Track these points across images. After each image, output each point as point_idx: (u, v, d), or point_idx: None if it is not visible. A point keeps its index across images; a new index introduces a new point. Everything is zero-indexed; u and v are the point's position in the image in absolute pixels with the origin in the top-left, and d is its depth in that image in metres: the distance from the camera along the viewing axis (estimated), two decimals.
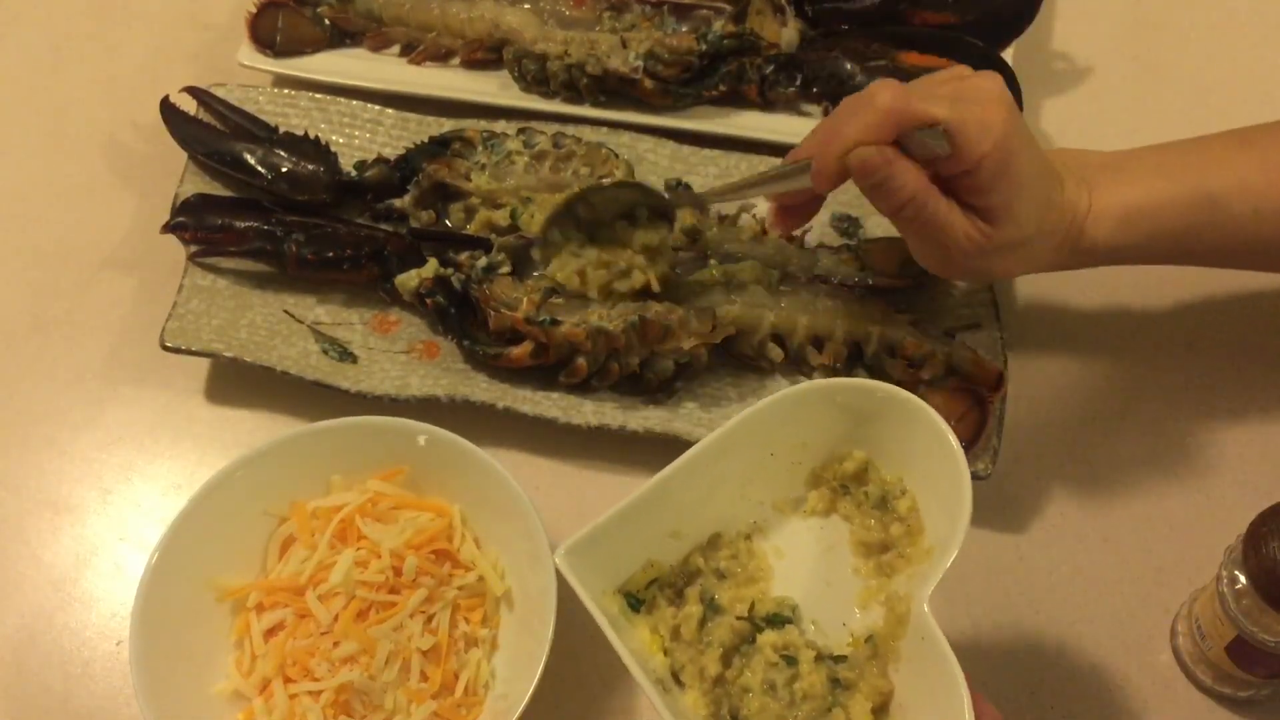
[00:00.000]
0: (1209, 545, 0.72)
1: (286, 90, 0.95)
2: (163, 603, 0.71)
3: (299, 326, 0.86)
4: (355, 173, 0.90)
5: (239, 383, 0.86)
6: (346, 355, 0.85)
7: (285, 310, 0.87)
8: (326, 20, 1.00)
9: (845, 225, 0.90)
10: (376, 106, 0.95)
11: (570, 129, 0.91)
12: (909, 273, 0.86)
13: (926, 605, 0.59)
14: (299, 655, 0.71)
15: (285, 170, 0.89)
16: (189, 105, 0.93)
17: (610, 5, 0.98)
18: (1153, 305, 0.89)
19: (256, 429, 0.85)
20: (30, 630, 0.78)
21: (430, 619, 0.73)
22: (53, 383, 0.88)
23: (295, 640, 0.72)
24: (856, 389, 0.66)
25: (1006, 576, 0.78)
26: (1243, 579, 0.66)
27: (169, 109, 0.93)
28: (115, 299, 0.91)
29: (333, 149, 0.91)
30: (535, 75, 0.96)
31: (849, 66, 0.93)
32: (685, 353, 0.81)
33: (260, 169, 0.89)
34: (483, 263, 0.84)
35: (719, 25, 0.95)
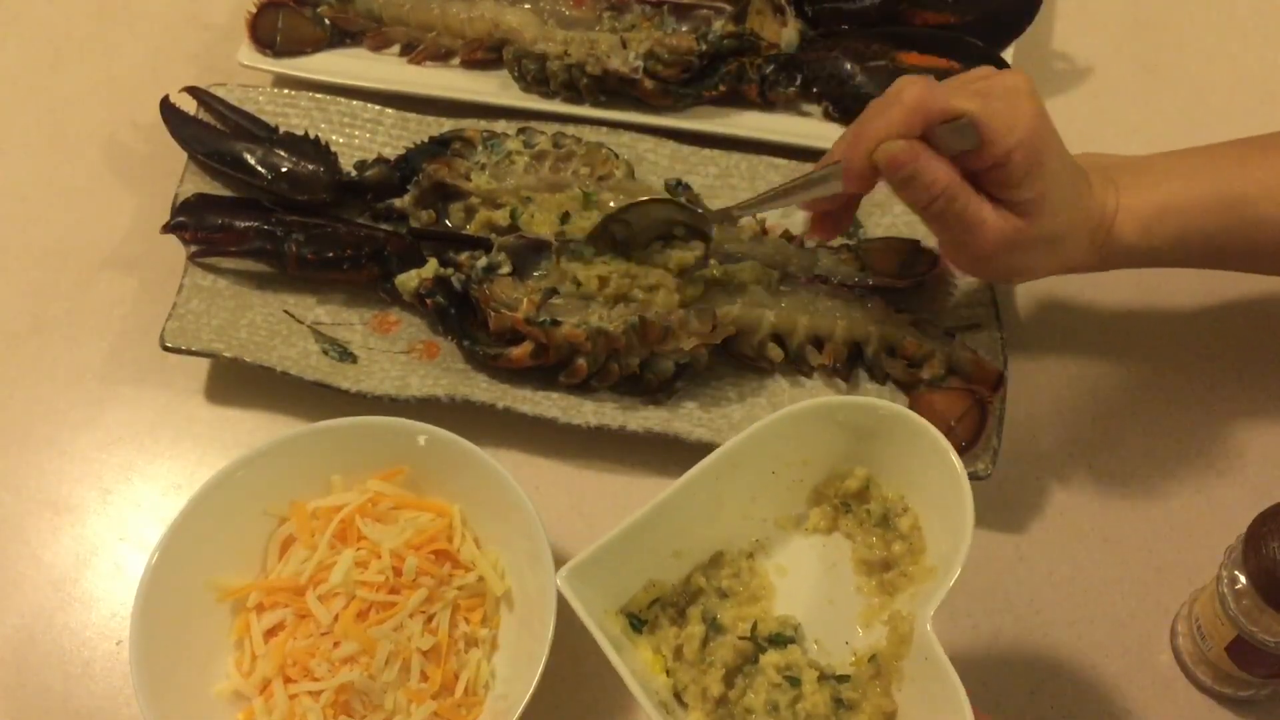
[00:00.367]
0: (1209, 545, 0.72)
1: (286, 90, 0.95)
2: (163, 603, 0.71)
3: (299, 326, 0.86)
4: (355, 173, 0.90)
5: (239, 383, 0.86)
6: (346, 355, 0.85)
7: (285, 310, 0.87)
8: (326, 20, 1.00)
9: None
10: (376, 106, 0.95)
11: (570, 129, 0.91)
12: (909, 273, 0.86)
13: (929, 625, 0.59)
14: (299, 655, 0.71)
15: (285, 170, 0.89)
16: (189, 105, 0.93)
17: (610, 5, 0.98)
18: (1153, 305, 0.89)
19: (256, 429, 0.85)
20: (30, 630, 0.78)
21: (430, 619, 0.73)
22: (53, 383, 0.88)
23: (295, 640, 0.72)
24: (858, 407, 0.66)
25: (1006, 576, 0.78)
26: (1243, 579, 0.66)
27: (169, 109, 0.93)
28: (115, 299, 0.91)
29: (333, 149, 0.91)
30: (535, 75, 0.96)
31: (849, 66, 0.93)
32: (685, 353, 0.81)
33: (260, 169, 0.89)
34: (483, 263, 0.84)
35: (719, 25, 0.95)
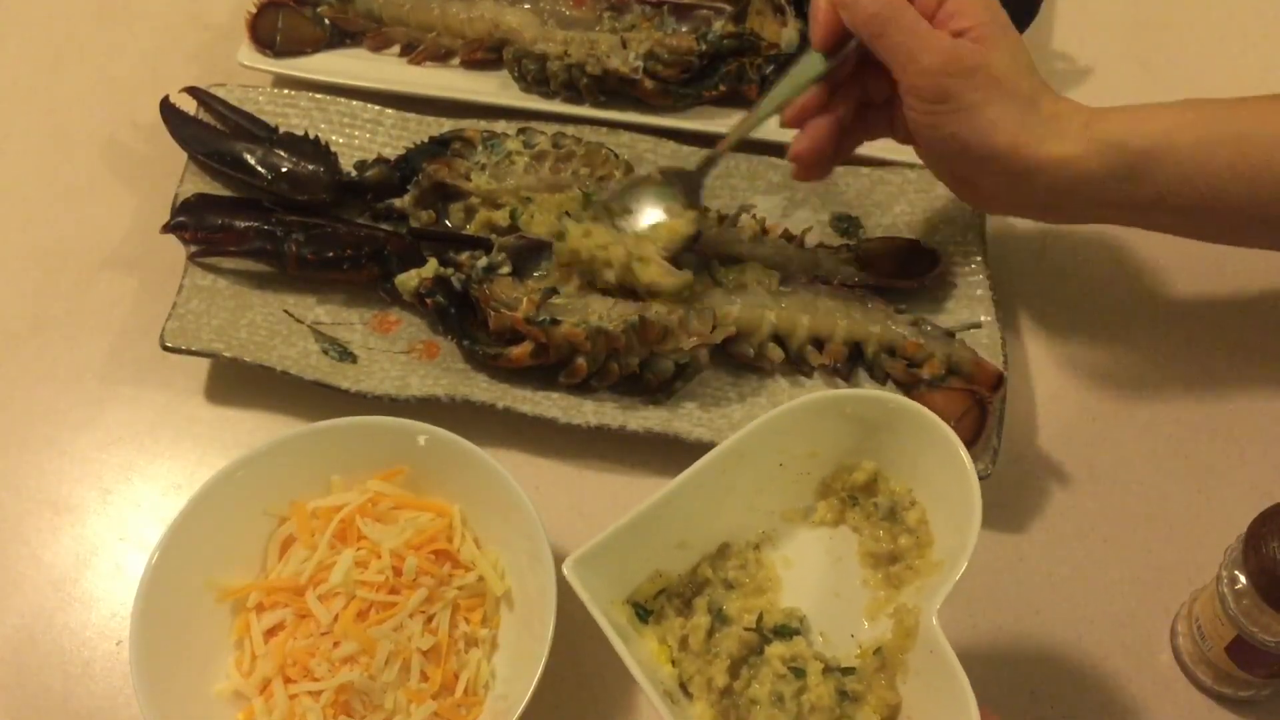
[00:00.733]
0: (1209, 545, 0.72)
1: (286, 90, 0.95)
2: (163, 603, 0.70)
3: (299, 326, 0.86)
4: (355, 173, 0.90)
5: (239, 383, 0.86)
6: (346, 355, 0.85)
7: (285, 310, 0.87)
8: (326, 20, 1.00)
9: (845, 225, 0.90)
10: (376, 106, 0.95)
11: (570, 129, 0.91)
12: (909, 273, 0.86)
13: (935, 618, 0.59)
14: (299, 655, 0.71)
15: (285, 170, 0.89)
16: (189, 105, 0.93)
17: (610, 5, 0.98)
18: (1153, 305, 0.89)
19: (256, 429, 0.85)
20: (30, 630, 0.78)
21: (430, 619, 0.73)
22: (53, 383, 0.88)
23: (295, 640, 0.72)
24: (867, 399, 0.66)
25: (1006, 576, 0.78)
26: (1243, 579, 0.66)
27: (169, 109, 0.93)
28: (115, 299, 0.91)
29: (333, 149, 0.91)
30: (535, 75, 0.96)
31: None
32: (685, 353, 0.81)
33: (260, 169, 0.89)
34: (483, 263, 0.84)
35: (719, 25, 0.95)
